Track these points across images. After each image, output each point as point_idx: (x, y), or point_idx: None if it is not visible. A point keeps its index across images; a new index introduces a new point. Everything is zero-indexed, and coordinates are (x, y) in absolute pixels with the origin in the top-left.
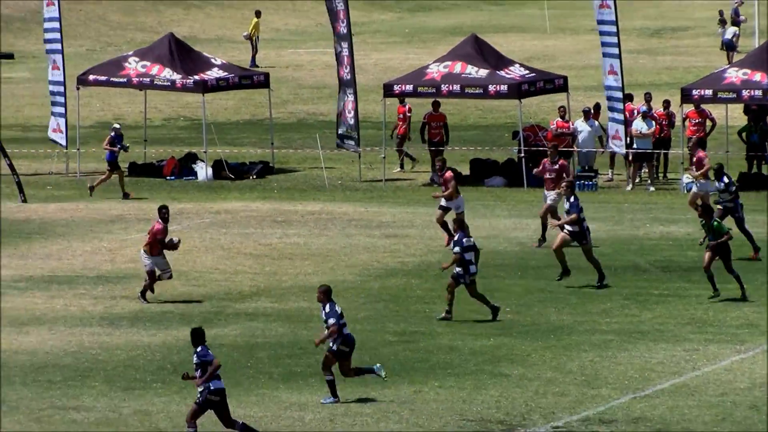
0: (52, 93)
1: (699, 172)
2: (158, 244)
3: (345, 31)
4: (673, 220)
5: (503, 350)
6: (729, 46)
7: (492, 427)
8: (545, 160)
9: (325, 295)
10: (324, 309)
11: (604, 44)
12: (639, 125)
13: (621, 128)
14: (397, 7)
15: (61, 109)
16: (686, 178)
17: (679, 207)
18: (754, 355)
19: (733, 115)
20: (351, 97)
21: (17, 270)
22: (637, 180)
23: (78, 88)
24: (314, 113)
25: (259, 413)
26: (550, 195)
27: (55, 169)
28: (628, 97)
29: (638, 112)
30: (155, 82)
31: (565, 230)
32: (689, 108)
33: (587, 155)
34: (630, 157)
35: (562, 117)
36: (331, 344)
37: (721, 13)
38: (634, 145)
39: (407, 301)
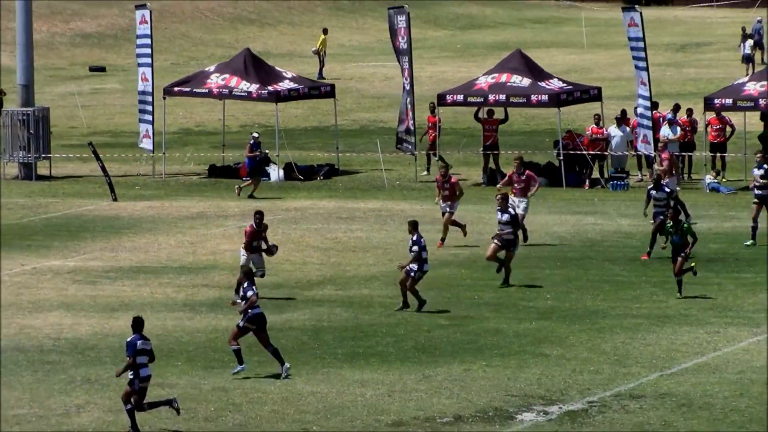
0: (141, 102)
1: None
2: (249, 245)
3: (405, 46)
4: (697, 216)
5: (544, 333)
6: (748, 59)
7: (534, 402)
8: (512, 172)
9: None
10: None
11: (635, 59)
12: (665, 131)
13: (649, 133)
14: (450, 25)
15: (149, 117)
16: (708, 178)
17: (702, 204)
18: None
19: (751, 122)
20: (409, 106)
21: (108, 261)
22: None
23: (164, 98)
24: (375, 120)
25: (324, 389)
26: (521, 204)
27: (143, 171)
28: (654, 105)
29: (664, 119)
30: (233, 93)
31: (496, 240)
32: (711, 115)
33: (620, 158)
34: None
35: (597, 124)
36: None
37: (743, 29)
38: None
39: (457, 288)
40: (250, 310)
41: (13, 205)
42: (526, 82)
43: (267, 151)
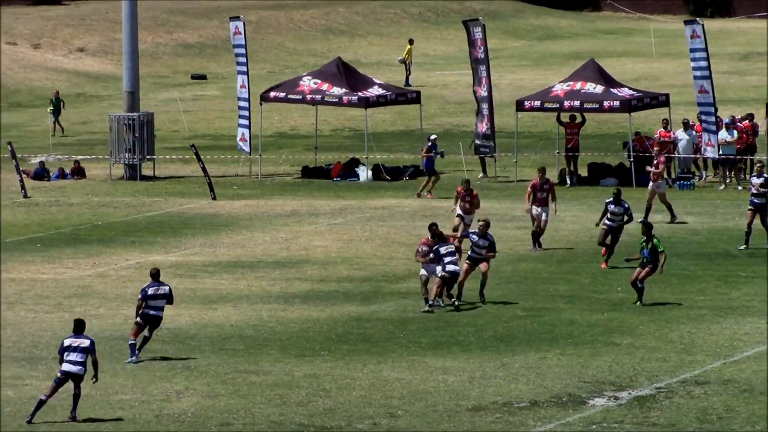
0: (240, 108)
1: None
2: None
3: (483, 56)
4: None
5: (615, 323)
6: None
7: (605, 387)
8: (534, 181)
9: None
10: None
11: (695, 68)
12: (723, 134)
13: (713, 137)
14: (527, 36)
15: (246, 122)
16: None
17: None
18: None
19: None
20: (486, 111)
21: (207, 257)
22: (727, 180)
23: (261, 104)
24: (458, 125)
25: (409, 376)
26: (544, 211)
27: (240, 171)
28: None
29: (723, 124)
30: (325, 99)
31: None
32: None
33: (686, 160)
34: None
35: (665, 128)
36: None
37: None
38: (721, 152)
39: (534, 282)
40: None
41: (118, 203)
42: (599, 89)
43: (444, 150)
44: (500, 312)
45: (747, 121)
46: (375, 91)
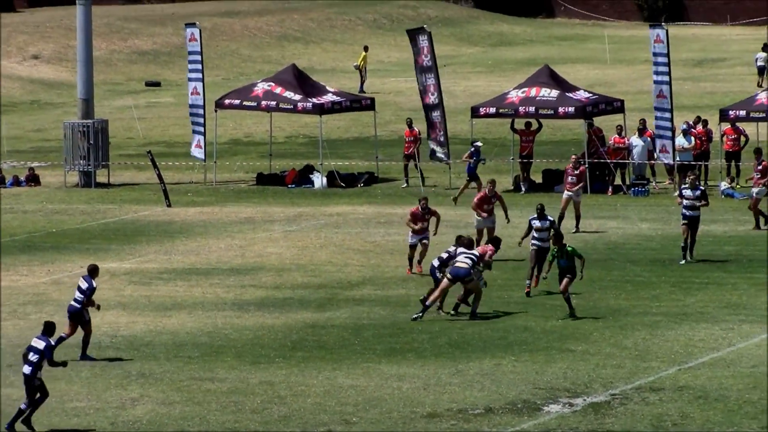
0: (192, 114)
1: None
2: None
3: (430, 63)
4: (712, 220)
5: (569, 329)
6: (761, 70)
7: (560, 394)
8: (484, 193)
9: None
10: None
11: (656, 73)
12: (681, 141)
13: (668, 143)
14: (482, 42)
15: (200, 128)
16: (724, 184)
17: (717, 209)
18: None
19: (764, 132)
20: (438, 119)
21: (162, 264)
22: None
23: (216, 111)
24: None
25: (364, 383)
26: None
27: (195, 178)
28: (704, 123)
29: (680, 130)
30: (280, 105)
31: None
32: (726, 126)
33: (641, 166)
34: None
35: (619, 134)
36: None
37: (765, 45)
38: (678, 158)
39: (489, 288)
40: None
41: (73, 211)
42: (554, 94)
43: (485, 158)
44: (455, 319)
45: (701, 127)
46: (329, 97)
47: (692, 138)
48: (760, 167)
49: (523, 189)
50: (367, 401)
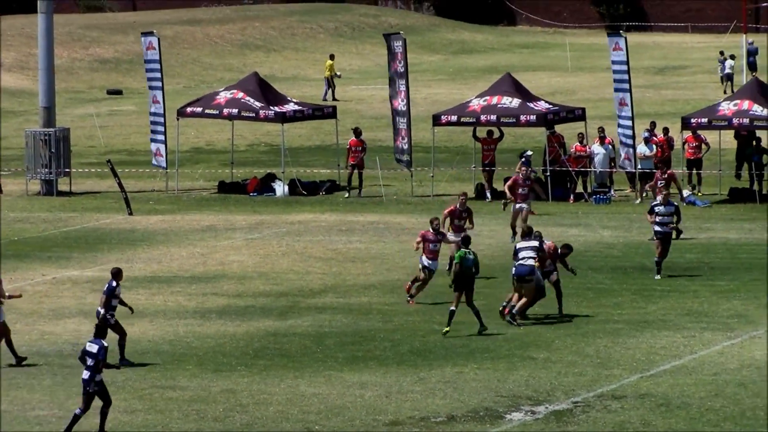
0: (153, 123)
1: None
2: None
3: (402, 69)
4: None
5: (531, 337)
6: (728, 77)
7: (522, 402)
8: (453, 207)
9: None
10: None
11: (616, 81)
12: (642, 149)
13: (630, 151)
14: (443, 50)
15: (161, 137)
16: (686, 192)
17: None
18: (742, 341)
19: (725, 140)
20: (404, 126)
21: (124, 272)
22: (644, 195)
23: (177, 119)
24: (373, 139)
25: (326, 391)
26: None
27: (157, 187)
28: (665, 131)
29: (641, 138)
30: (241, 114)
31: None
32: (688, 134)
33: (602, 174)
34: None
35: (581, 142)
36: None
37: (722, 53)
38: (639, 166)
39: (451, 296)
40: None
41: (35, 219)
42: (515, 103)
43: (535, 170)
44: (417, 327)
45: (662, 135)
46: (291, 106)
47: (654, 146)
48: (665, 176)
49: (489, 197)
50: (330, 409)
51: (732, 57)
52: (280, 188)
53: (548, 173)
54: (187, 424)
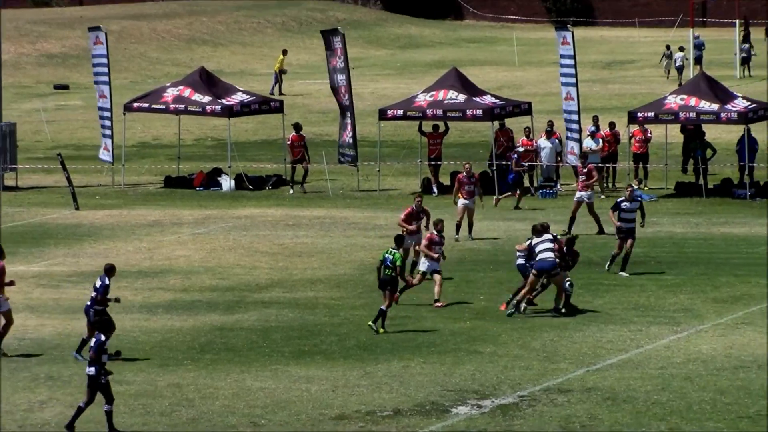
0: (101, 118)
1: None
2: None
3: (342, 65)
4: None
5: (478, 331)
6: (679, 70)
7: (468, 396)
8: (410, 209)
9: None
10: None
11: (563, 75)
12: (588, 143)
13: (576, 145)
14: (390, 45)
15: (108, 132)
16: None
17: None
18: (689, 335)
19: (672, 134)
20: (349, 120)
21: (70, 267)
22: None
23: (124, 114)
24: (320, 134)
25: (272, 385)
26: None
27: (103, 182)
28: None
29: (587, 132)
30: (188, 108)
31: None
32: (634, 128)
33: (548, 168)
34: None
35: (527, 136)
36: None
37: (668, 47)
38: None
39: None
40: None
41: None
42: (461, 98)
43: (525, 165)
44: (363, 321)
45: (609, 130)
46: (238, 99)
47: (600, 140)
48: (585, 170)
49: (435, 191)
50: (276, 403)
51: (681, 49)
52: (227, 183)
53: (494, 168)
54: (133, 419)
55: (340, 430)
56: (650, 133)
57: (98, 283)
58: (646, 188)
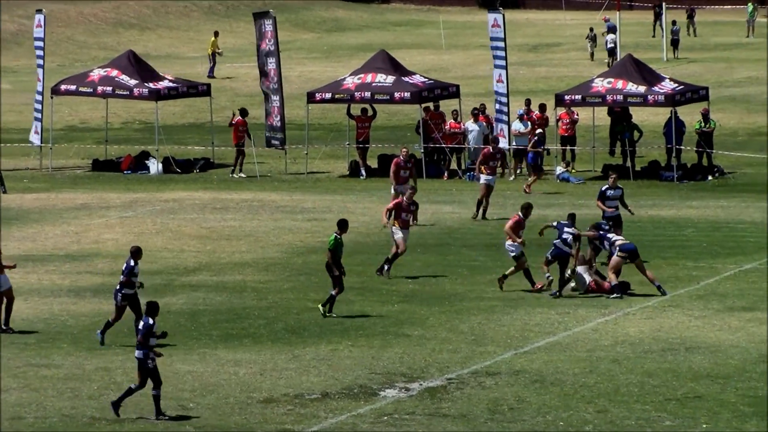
0: (36, 101)
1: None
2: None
3: (273, 48)
4: (548, 205)
5: (406, 315)
6: (611, 52)
7: (396, 379)
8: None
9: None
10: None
11: (495, 57)
12: (517, 125)
13: (505, 128)
14: (317, 28)
15: (39, 115)
16: (559, 169)
17: (553, 193)
18: (616, 318)
19: (599, 117)
20: (277, 104)
21: None
22: (518, 171)
23: (52, 97)
24: (248, 117)
25: (200, 368)
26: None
27: (31, 165)
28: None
29: (516, 115)
30: (116, 92)
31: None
32: (561, 110)
33: (476, 151)
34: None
35: (455, 119)
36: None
37: (591, 29)
38: (514, 143)
39: (325, 274)
40: None
41: None
42: (390, 80)
43: (547, 148)
44: (291, 304)
45: (538, 112)
46: (165, 83)
47: (528, 123)
48: (498, 154)
49: (363, 174)
50: (204, 387)
51: (613, 31)
52: (154, 166)
53: (424, 151)
54: (62, 402)
55: (268, 414)
56: (577, 116)
57: (124, 266)
58: (573, 171)
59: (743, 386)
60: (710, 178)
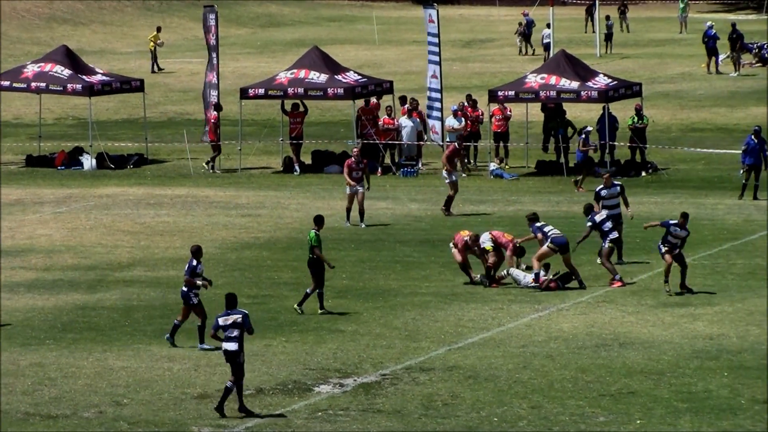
0: None
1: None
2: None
3: (214, 42)
4: (482, 201)
5: (339, 310)
6: (546, 47)
7: (330, 374)
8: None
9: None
10: None
11: (430, 53)
12: (451, 121)
13: (438, 124)
14: (251, 23)
15: None
16: (493, 165)
17: (486, 189)
18: (549, 314)
19: (532, 113)
20: (215, 99)
21: None
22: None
23: None
24: (181, 113)
25: (135, 364)
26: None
27: None
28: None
29: (450, 111)
30: (49, 87)
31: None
32: (495, 106)
33: (410, 147)
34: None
35: (389, 115)
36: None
37: (520, 24)
38: (448, 138)
39: (259, 269)
40: None
41: None
42: (323, 77)
43: (596, 144)
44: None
45: (472, 108)
46: (98, 77)
47: (462, 119)
48: (447, 152)
49: (297, 170)
50: (138, 382)
51: (548, 26)
52: (88, 162)
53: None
54: None
55: (203, 409)
56: (510, 111)
57: (186, 266)
58: (507, 167)
59: (677, 382)
60: (644, 174)
